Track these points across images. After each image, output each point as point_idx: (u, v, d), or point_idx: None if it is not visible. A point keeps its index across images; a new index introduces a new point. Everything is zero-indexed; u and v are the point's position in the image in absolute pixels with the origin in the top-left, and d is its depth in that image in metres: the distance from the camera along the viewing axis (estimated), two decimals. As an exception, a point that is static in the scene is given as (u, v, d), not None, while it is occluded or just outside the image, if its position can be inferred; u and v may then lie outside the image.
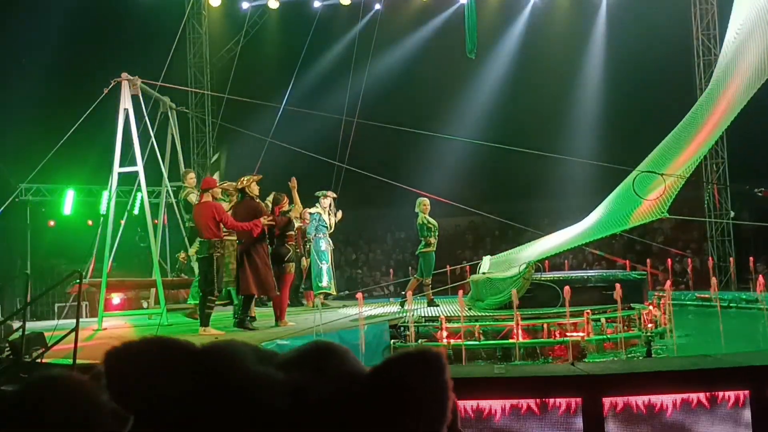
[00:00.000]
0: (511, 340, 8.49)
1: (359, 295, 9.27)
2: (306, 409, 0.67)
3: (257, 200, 8.95)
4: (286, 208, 9.77)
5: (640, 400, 4.67)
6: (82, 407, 0.82)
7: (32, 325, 8.38)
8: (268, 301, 11.41)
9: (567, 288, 8.44)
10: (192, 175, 11.27)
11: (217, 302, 8.69)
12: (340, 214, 12.54)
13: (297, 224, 11.54)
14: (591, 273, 11.87)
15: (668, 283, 9.34)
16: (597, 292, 9.65)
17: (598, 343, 8.86)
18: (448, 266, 13.93)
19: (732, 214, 16.78)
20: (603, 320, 9.04)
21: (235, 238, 9.02)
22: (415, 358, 0.71)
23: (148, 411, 0.69)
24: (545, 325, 8.80)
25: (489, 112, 19.77)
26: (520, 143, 11.49)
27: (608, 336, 8.91)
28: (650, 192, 9.98)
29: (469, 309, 10.16)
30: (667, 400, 4.68)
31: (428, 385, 0.70)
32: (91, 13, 16.87)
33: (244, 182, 8.91)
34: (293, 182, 11.97)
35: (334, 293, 12.47)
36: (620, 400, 4.79)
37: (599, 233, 10.73)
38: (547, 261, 12.36)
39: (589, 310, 8.85)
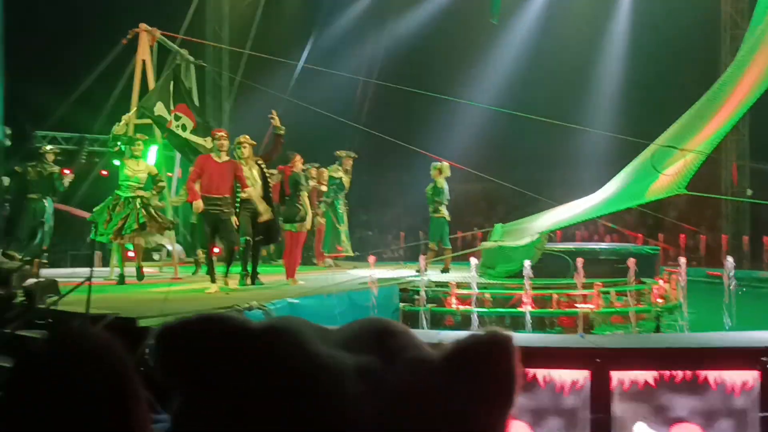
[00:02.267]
0: (520, 309, 8.50)
1: (371, 258, 9.28)
2: (382, 396, 0.64)
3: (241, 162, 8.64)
4: (298, 168, 9.71)
5: (649, 376, 4.67)
6: (116, 371, 0.79)
7: (46, 273, 8.49)
8: (277, 258, 11.51)
9: (580, 259, 8.42)
10: None
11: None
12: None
13: (312, 184, 11.51)
14: (603, 245, 11.81)
15: (682, 259, 9.25)
16: (609, 265, 9.62)
17: (607, 316, 8.86)
18: (459, 233, 13.88)
19: (749, 192, 16.60)
20: (612, 293, 9.04)
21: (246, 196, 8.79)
22: (487, 343, 0.69)
23: (202, 391, 0.66)
24: (555, 296, 8.80)
25: (509, 79, 19.48)
26: (539, 112, 11.32)
27: (618, 309, 8.90)
28: (668, 167, 9.86)
29: (480, 276, 10.16)
30: (675, 376, 4.67)
31: (501, 371, 0.69)
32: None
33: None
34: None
35: (351, 253, 12.48)
36: (628, 375, 4.79)
37: (615, 206, 10.65)
38: (558, 231, 12.31)
39: (600, 283, 8.83)
